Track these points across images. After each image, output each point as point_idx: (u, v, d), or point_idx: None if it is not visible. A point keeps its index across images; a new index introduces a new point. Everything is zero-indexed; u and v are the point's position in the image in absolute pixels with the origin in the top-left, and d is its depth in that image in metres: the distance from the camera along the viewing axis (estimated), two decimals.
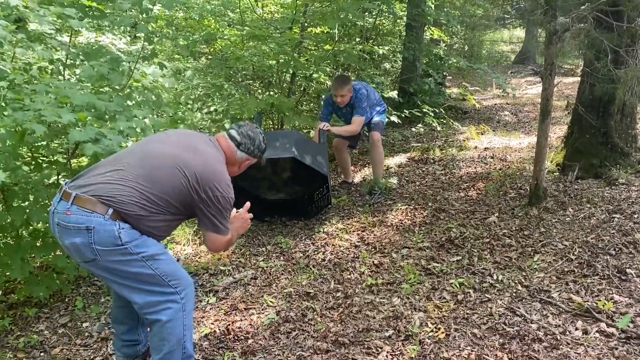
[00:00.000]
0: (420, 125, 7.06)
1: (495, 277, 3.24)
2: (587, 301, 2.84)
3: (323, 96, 5.46)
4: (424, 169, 5.77)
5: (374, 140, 4.97)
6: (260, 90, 5.82)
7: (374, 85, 6.29)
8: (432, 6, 9.09)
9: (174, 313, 2.19)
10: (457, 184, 5.11)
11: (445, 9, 9.29)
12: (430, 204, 4.57)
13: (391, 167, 5.89)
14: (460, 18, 9.45)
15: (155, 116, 3.23)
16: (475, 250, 3.63)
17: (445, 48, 10.09)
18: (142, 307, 2.16)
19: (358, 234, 4.10)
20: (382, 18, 8.25)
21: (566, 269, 3.23)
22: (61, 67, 3.18)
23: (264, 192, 4.75)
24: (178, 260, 3.76)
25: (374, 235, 4.05)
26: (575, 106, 4.98)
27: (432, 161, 6.00)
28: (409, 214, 4.42)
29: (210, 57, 6.00)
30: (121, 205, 2.05)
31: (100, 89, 3.25)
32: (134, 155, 2.23)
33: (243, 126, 2.54)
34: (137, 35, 3.98)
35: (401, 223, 4.25)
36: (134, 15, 3.50)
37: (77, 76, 3.12)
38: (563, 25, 3.17)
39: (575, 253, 3.40)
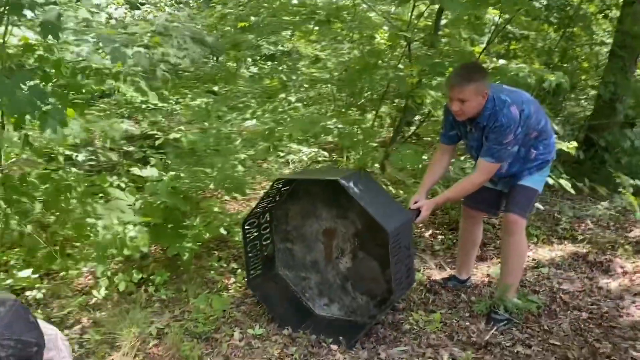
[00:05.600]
0: (605, 203, 4.44)
1: None
2: None
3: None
4: (600, 284, 3.34)
5: (508, 223, 2.75)
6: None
7: None
8: None
9: None
10: None
11: None
12: None
13: (542, 266, 3.57)
14: None
15: None
16: None
17: None
18: None
19: None
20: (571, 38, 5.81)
21: None
22: None
23: (311, 295, 2.95)
24: None
25: None
26: None
27: (617, 271, 3.52)
28: None
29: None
30: None
31: None
32: None
33: None
34: None
35: None
36: None
37: None
38: None
39: None
